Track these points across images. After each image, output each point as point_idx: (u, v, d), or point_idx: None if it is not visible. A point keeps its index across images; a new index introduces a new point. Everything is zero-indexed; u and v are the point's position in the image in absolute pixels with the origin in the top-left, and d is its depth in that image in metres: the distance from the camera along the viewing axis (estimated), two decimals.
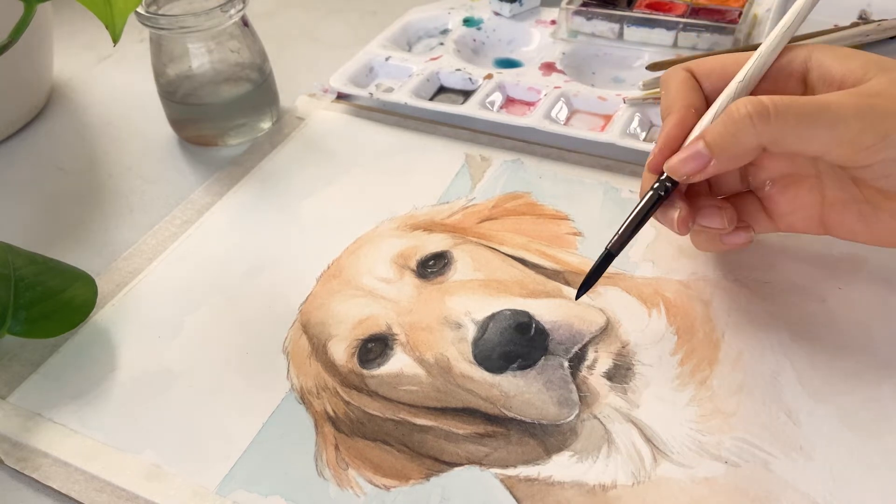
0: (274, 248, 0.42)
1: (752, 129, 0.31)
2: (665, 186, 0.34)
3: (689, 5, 0.53)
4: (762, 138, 0.31)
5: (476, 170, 0.46)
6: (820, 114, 0.30)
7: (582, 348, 0.35)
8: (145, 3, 0.47)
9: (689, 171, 0.32)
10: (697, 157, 0.32)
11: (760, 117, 0.30)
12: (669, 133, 0.34)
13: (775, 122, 0.30)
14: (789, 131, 0.30)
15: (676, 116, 0.34)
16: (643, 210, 0.34)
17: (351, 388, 0.35)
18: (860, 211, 0.34)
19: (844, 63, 0.32)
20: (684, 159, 0.32)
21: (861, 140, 0.30)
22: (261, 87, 0.50)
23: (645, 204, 0.34)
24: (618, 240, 0.34)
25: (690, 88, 0.35)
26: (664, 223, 0.35)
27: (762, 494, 0.30)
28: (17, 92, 0.53)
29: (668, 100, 0.35)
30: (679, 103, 0.34)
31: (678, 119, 0.34)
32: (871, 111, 0.30)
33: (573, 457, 0.31)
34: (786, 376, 0.33)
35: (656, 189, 0.34)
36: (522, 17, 0.58)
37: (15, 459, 0.33)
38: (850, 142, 0.30)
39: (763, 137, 0.31)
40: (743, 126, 0.31)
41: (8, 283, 0.36)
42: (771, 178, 0.35)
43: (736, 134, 0.31)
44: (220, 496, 0.31)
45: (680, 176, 0.33)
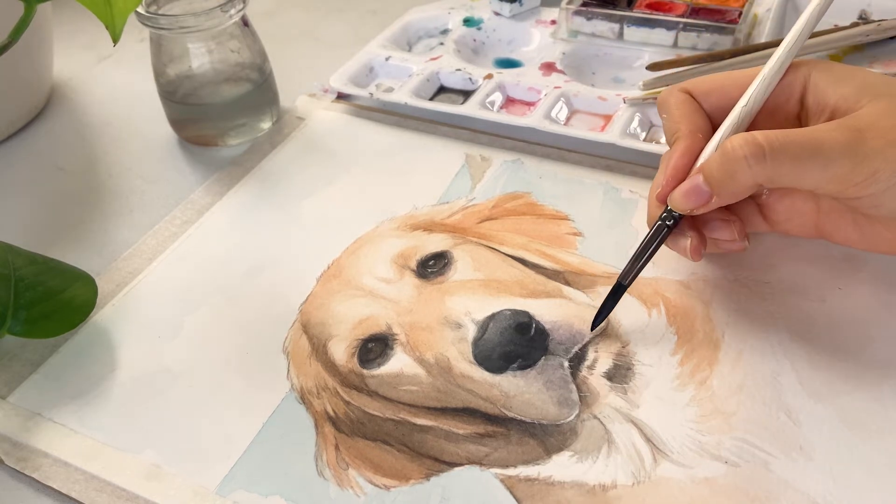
0: (274, 248, 0.42)
1: (749, 170, 0.31)
2: (672, 217, 0.34)
3: (689, 5, 0.53)
4: (758, 177, 0.31)
5: (476, 170, 0.46)
6: (813, 154, 0.30)
7: (582, 348, 0.35)
8: (145, 3, 0.47)
9: (692, 206, 0.33)
10: (699, 192, 0.33)
11: (756, 158, 0.31)
12: (677, 164, 0.34)
13: (770, 163, 0.31)
14: (784, 171, 0.31)
15: (683, 144, 0.34)
16: (652, 242, 0.35)
17: (351, 388, 0.35)
18: (855, 220, 0.34)
19: (838, 89, 0.33)
20: (686, 194, 0.33)
21: (851, 178, 0.31)
22: (261, 87, 0.50)
23: (653, 236, 0.35)
24: (628, 272, 0.35)
25: (693, 111, 0.35)
26: (676, 251, 0.35)
27: (762, 494, 0.30)
28: (17, 92, 0.53)
29: (672, 123, 0.35)
30: (684, 128, 0.34)
31: (685, 147, 0.34)
32: (860, 149, 0.30)
33: (573, 457, 0.31)
34: (786, 376, 0.33)
35: (664, 219, 0.34)
36: (522, 17, 0.58)
37: (15, 459, 0.33)
38: (840, 179, 0.31)
39: (759, 177, 0.31)
40: (739, 167, 0.31)
41: (8, 283, 0.36)
42: (769, 188, 0.36)
43: (733, 174, 0.32)
44: (220, 496, 0.31)
45: (683, 210, 0.34)
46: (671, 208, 0.34)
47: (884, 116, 0.31)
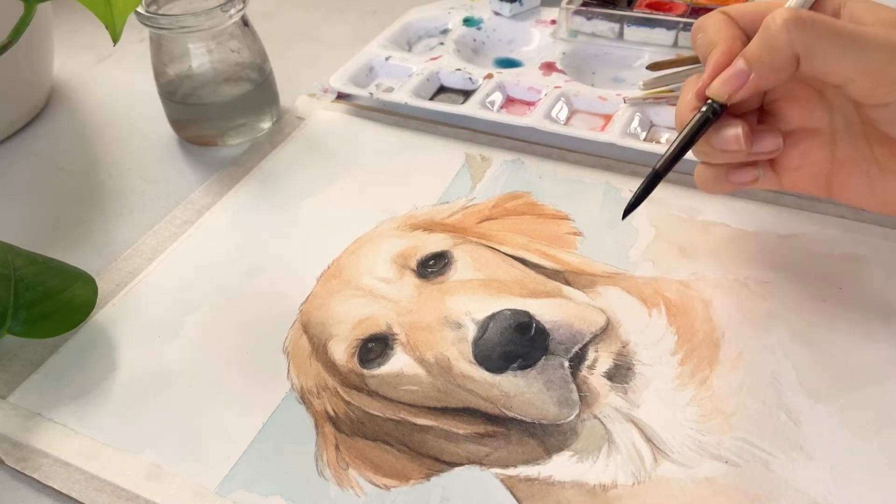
0: (274, 248, 0.42)
1: (787, 36, 0.31)
2: (713, 109, 0.33)
3: (689, 5, 0.53)
4: (797, 46, 0.31)
5: (476, 170, 0.46)
6: (853, 36, 0.30)
7: (582, 348, 0.35)
8: (145, 3, 0.47)
9: (731, 89, 0.32)
10: (737, 74, 0.32)
11: (796, 23, 0.30)
12: (717, 61, 0.33)
13: (811, 31, 0.30)
14: (823, 45, 0.30)
15: (723, 46, 0.33)
16: (692, 131, 0.33)
17: (351, 388, 0.35)
18: (868, 172, 0.34)
19: (876, 13, 0.32)
20: (725, 79, 0.32)
21: (886, 72, 0.30)
22: (261, 86, 0.50)
23: (693, 125, 0.33)
24: (665, 161, 0.34)
25: (730, 25, 0.35)
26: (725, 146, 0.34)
27: (762, 494, 0.30)
28: (17, 92, 0.53)
29: (709, 36, 0.35)
30: (723, 36, 0.34)
31: (725, 48, 0.33)
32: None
33: (573, 457, 0.31)
34: (786, 376, 0.33)
35: (704, 112, 0.33)
36: (522, 16, 0.58)
37: (15, 459, 0.33)
38: (874, 72, 0.30)
39: (798, 45, 0.31)
40: (779, 33, 0.31)
41: (8, 283, 0.36)
42: (785, 130, 0.35)
43: (773, 44, 0.31)
44: (220, 496, 0.31)
45: (721, 95, 0.33)
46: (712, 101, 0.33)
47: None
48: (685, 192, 0.43)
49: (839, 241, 0.39)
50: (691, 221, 0.41)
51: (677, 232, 0.41)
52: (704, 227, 0.41)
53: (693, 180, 0.43)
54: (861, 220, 0.40)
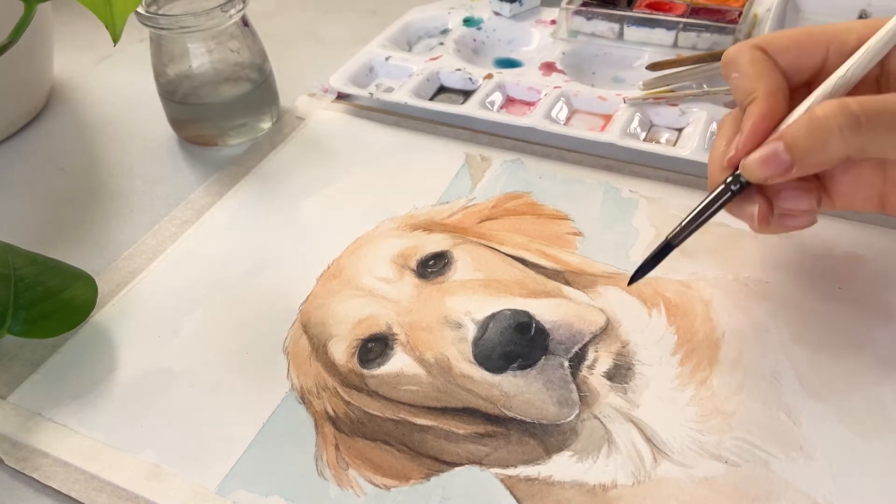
0: (274, 248, 0.42)
1: (841, 142, 0.29)
2: (739, 182, 0.32)
3: (689, 5, 0.53)
4: (851, 149, 0.29)
5: (476, 170, 0.46)
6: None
7: (582, 348, 0.35)
8: (145, 3, 0.47)
9: (769, 174, 0.31)
10: (778, 161, 0.30)
11: (850, 129, 0.29)
12: (756, 127, 0.31)
13: (866, 133, 0.29)
14: (878, 140, 0.29)
15: (764, 105, 0.31)
16: (712, 204, 0.32)
17: (351, 388, 0.35)
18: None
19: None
20: (764, 161, 0.30)
21: None
22: (261, 87, 0.50)
23: (715, 198, 0.32)
24: (680, 232, 0.33)
25: (770, 69, 0.32)
26: (741, 218, 0.33)
27: (762, 494, 0.30)
28: (17, 92, 0.53)
29: (746, 82, 0.32)
30: (763, 88, 0.32)
31: (766, 109, 0.31)
32: None
33: (573, 457, 0.31)
34: (786, 376, 0.33)
35: (729, 183, 0.32)
36: (522, 16, 0.58)
37: (15, 459, 0.33)
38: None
39: (851, 148, 0.29)
40: (831, 137, 0.29)
41: (8, 283, 0.36)
42: None
43: (822, 144, 0.29)
44: (220, 496, 0.31)
45: (757, 179, 0.31)
46: (740, 175, 0.31)
47: None
48: (685, 191, 0.43)
49: (839, 241, 0.39)
50: None
51: None
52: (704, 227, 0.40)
53: (693, 181, 0.43)
54: (861, 220, 0.40)
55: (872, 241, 0.39)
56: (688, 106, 0.47)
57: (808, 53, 0.33)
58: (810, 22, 0.55)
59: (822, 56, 0.33)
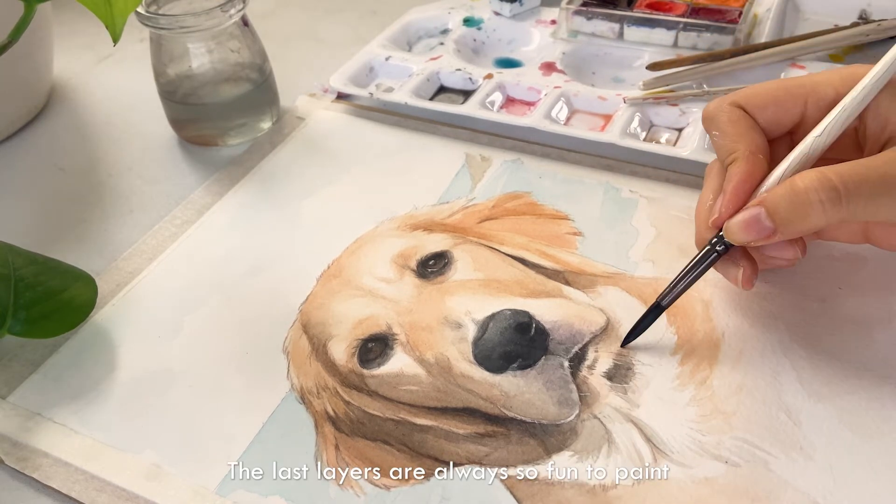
0: (274, 248, 0.42)
1: (822, 214, 0.30)
2: (724, 244, 0.33)
3: (690, 5, 0.53)
4: (830, 220, 0.30)
5: (476, 170, 0.46)
6: (889, 190, 0.29)
7: (582, 348, 0.35)
8: (145, 3, 0.47)
9: (752, 238, 0.31)
10: (760, 227, 0.31)
11: (831, 202, 0.29)
12: (737, 189, 0.32)
13: (846, 206, 0.29)
14: (859, 210, 0.30)
15: (744, 168, 0.32)
16: (698, 266, 0.34)
17: (351, 388, 0.35)
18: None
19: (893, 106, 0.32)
20: (747, 226, 0.31)
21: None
22: (261, 87, 0.50)
23: (700, 260, 0.33)
24: (670, 295, 0.34)
25: (748, 128, 0.33)
26: (726, 278, 0.34)
27: (762, 494, 0.30)
28: (17, 92, 0.53)
29: (727, 142, 0.33)
30: (743, 149, 0.32)
31: (746, 172, 0.32)
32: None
33: (573, 457, 0.31)
34: (786, 376, 0.33)
35: (713, 244, 0.33)
36: (522, 16, 0.58)
37: (15, 459, 0.33)
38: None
39: (831, 220, 0.30)
40: (811, 209, 0.30)
41: (8, 283, 0.36)
42: None
43: (804, 216, 0.30)
44: (220, 496, 0.31)
45: (739, 241, 0.32)
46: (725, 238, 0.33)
47: None
48: (685, 191, 0.43)
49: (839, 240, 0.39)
50: (691, 221, 0.41)
51: (677, 232, 0.41)
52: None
53: (693, 181, 0.43)
54: None
55: None
56: (688, 106, 0.47)
57: (785, 109, 0.33)
58: (810, 22, 0.55)
59: (800, 111, 0.33)
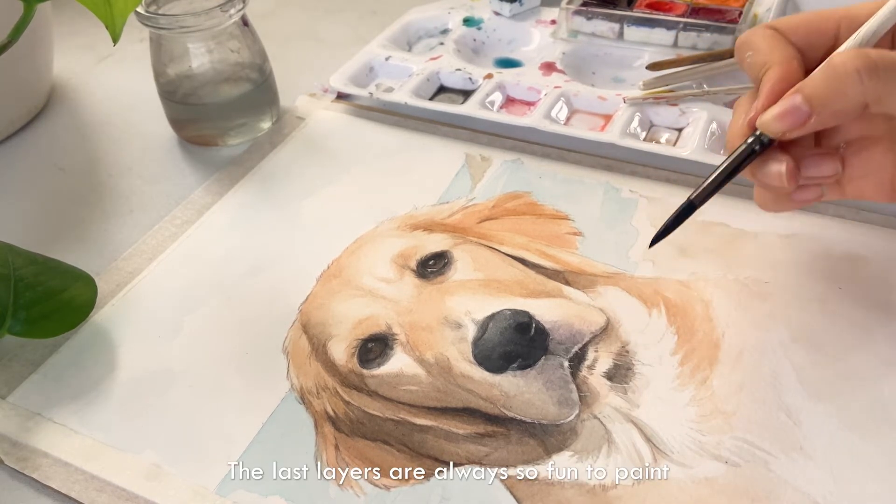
0: (274, 248, 0.42)
1: (860, 86, 0.29)
2: (760, 142, 0.32)
3: (689, 5, 0.53)
4: (868, 95, 0.29)
5: (476, 170, 0.46)
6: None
7: (582, 348, 0.35)
8: (145, 3, 0.47)
9: (787, 126, 0.31)
10: (796, 112, 0.30)
11: (870, 73, 0.29)
12: (773, 88, 0.32)
13: (884, 79, 0.29)
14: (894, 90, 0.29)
15: (780, 69, 0.32)
16: (734, 163, 0.32)
17: (351, 388, 0.35)
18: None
19: None
20: (781, 114, 0.31)
21: None
22: (261, 86, 0.50)
23: (736, 157, 0.32)
24: (702, 192, 0.33)
25: (782, 43, 0.33)
26: (768, 180, 0.32)
27: (762, 494, 0.30)
28: (17, 92, 0.53)
29: (761, 56, 0.33)
30: (776, 57, 0.32)
31: (782, 72, 0.32)
32: None
33: (573, 457, 0.31)
34: (786, 376, 0.33)
35: (750, 144, 0.32)
36: (522, 16, 0.58)
37: (15, 459, 0.33)
38: None
39: (870, 94, 0.29)
40: (850, 81, 0.29)
41: (8, 283, 0.36)
42: (845, 140, 0.34)
43: (841, 89, 0.29)
44: (220, 496, 0.31)
45: (775, 132, 0.31)
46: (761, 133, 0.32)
47: None
48: (685, 191, 0.43)
49: (839, 241, 0.39)
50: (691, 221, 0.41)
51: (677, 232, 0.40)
52: (704, 227, 0.41)
53: (693, 181, 0.43)
54: (861, 221, 0.40)
55: (872, 241, 0.39)
56: (688, 106, 0.47)
57: (818, 30, 0.33)
58: None
59: (833, 32, 0.33)
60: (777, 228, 0.40)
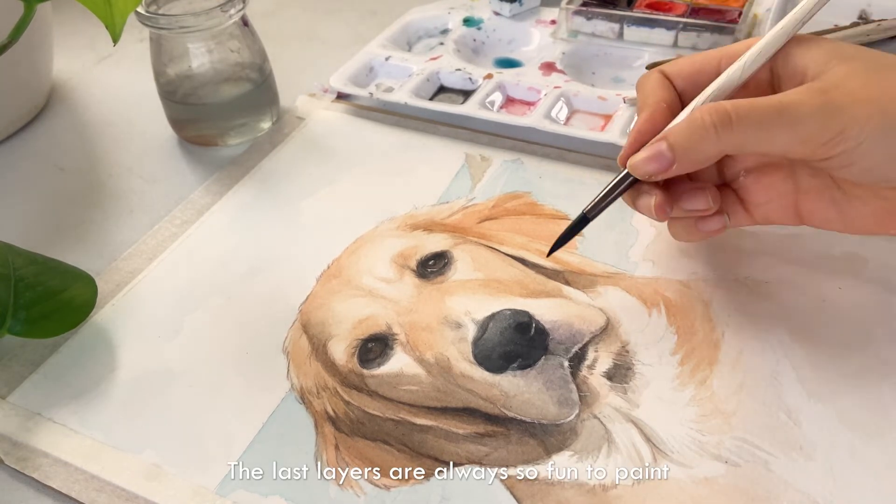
0: (274, 248, 0.42)
1: (715, 138, 0.31)
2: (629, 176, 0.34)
3: (689, 5, 0.53)
4: (724, 146, 0.32)
5: (476, 170, 0.46)
6: (780, 117, 0.31)
7: (582, 348, 0.35)
8: (145, 3, 0.47)
9: (652, 170, 0.33)
10: (660, 157, 0.33)
11: (723, 126, 0.31)
12: (640, 129, 0.34)
13: (737, 130, 0.31)
14: (751, 136, 0.31)
15: (647, 112, 0.35)
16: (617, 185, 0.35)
17: (351, 388, 0.35)
18: (833, 198, 0.34)
19: (808, 53, 0.33)
20: (647, 158, 0.33)
21: (819, 137, 0.31)
22: (261, 86, 0.50)
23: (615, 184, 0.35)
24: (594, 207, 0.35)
25: (662, 87, 0.36)
26: (642, 211, 0.35)
27: (762, 494, 0.30)
28: (17, 92, 0.53)
29: (641, 98, 0.36)
30: (651, 100, 0.35)
31: (649, 115, 0.34)
32: (827, 108, 0.30)
33: (573, 457, 0.31)
34: (786, 376, 0.33)
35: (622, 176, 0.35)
36: (522, 16, 0.58)
37: (15, 459, 0.33)
38: (809, 140, 0.31)
39: (725, 145, 0.32)
40: (706, 134, 0.31)
41: (8, 283, 0.36)
42: (745, 169, 0.36)
43: (699, 141, 0.32)
44: (220, 496, 0.31)
45: (641, 175, 0.34)
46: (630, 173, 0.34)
47: (851, 77, 0.31)
48: None
49: (839, 241, 0.39)
50: None
51: None
52: None
53: None
54: None
55: (872, 240, 0.39)
56: None
57: (700, 70, 0.35)
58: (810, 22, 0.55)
59: (715, 71, 0.35)
60: (777, 228, 0.40)
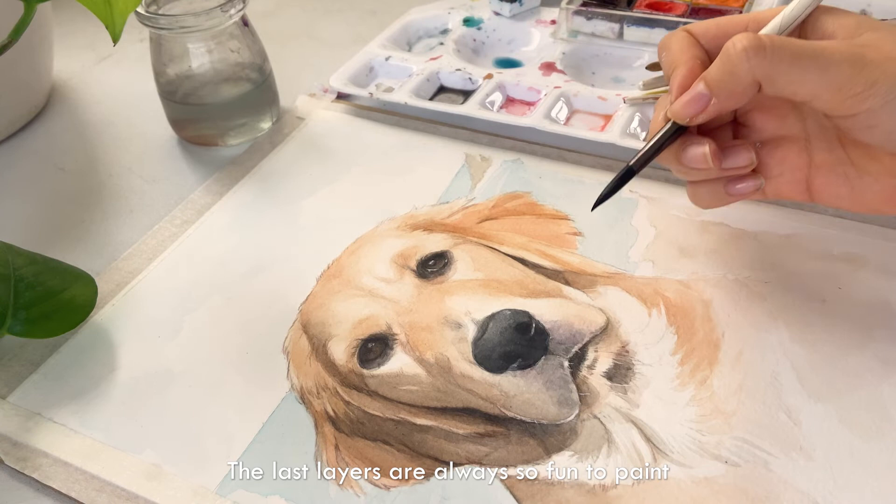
0: (274, 248, 0.42)
1: (747, 63, 0.31)
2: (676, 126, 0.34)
3: (689, 5, 0.53)
4: (757, 73, 0.31)
5: (476, 170, 0.46)
6: (814, 55, 0.31)
7: (582, 348, 0.35)
8: (145, 3, 0.47)
9: (691, 112, 0.33)
10: (698, 98, 0.33)
11: (756, 51, 0.31)
12: (680, 83, 0.34)
13: (771, 57, 0.31)
14: (783, 69, 0.31)
15: (685, 68, 0.34)
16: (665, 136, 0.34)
17: (351, 388, 0.35)
18: (846, 174, 0.34)
19: (838, 20, 0.33)
20: (686, 102, 0.33)
21: (850, 86, 0.30)
22: (261, 87, 0.50)
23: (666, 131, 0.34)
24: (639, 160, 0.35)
25: (691, 45, 0.35)
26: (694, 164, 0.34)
27: (762, 494, 0.30)
28: (17, 92, 0.53)
29: (671, 57, 0.35)
30: (685, 57, 0.35)
31: (687, 70, 0.34)
32: (862, 58, 0.30)
33: (573, 457, 0.31)
34: (786, 376, 0.33)
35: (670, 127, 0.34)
36: (522, 17, 0.58)
37: (15, 459, 0.33)
38: (839, 87, 0.31)
39: (758, 72, 0.31)
40: (739, 61, 0.31)
41: (8, 283, 0.36)
42: (761, 140, 0.36)
43: (733, 70, 0.32)
44: (220, 496, 0.31)
45: (682, 118, 0.33)
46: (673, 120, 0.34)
47: (883, 40, 0.31)
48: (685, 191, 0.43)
49: (839, 241, 0.39)
50: (691, 221, 0.41)
51: (677, 232, 0.41)
52: (704, 226, 0.41)
53: None
54: (861, 220, 0.40)
55: (872, 241, 0.39)
56: None
57: (726, 33, 0.35)
58: None
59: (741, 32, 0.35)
60: (777, 228, 0.40)
